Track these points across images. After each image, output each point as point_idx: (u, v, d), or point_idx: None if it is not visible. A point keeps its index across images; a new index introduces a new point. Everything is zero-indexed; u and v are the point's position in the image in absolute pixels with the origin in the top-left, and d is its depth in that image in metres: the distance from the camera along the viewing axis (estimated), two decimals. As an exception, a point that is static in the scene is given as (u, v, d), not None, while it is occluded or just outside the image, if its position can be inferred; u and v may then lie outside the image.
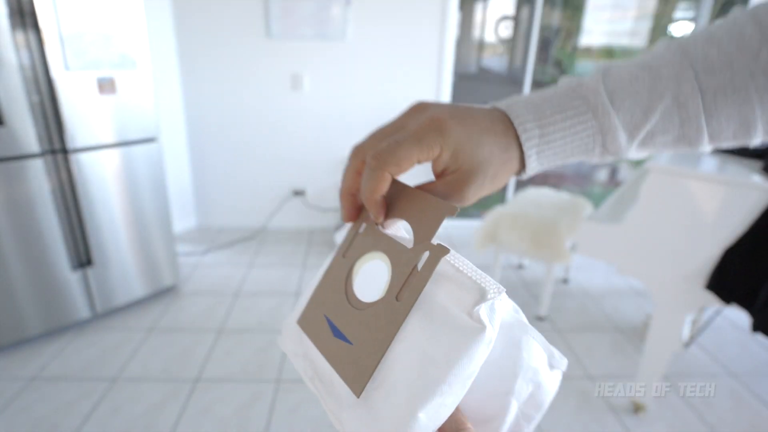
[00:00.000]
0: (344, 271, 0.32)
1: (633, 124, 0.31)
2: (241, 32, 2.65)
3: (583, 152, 0.33)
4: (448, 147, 0.29)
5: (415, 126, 0.29)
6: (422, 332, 0.26)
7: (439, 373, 0.24)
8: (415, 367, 0.25)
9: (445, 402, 0.25)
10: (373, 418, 0.26)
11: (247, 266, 2.58)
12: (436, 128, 0.29)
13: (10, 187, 1.64)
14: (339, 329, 0.30)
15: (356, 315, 0.29)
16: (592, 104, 0.31)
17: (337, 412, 0.28)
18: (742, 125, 0.31)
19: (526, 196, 2.38)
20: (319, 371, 0.31)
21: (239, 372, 1.75)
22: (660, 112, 0.31)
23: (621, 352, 1.95)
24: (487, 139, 0.30)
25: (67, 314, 1.90)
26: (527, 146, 0.31)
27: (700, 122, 0.31)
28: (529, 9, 2.97)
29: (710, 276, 1.29)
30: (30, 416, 1.51)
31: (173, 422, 1.51)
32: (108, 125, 1.85)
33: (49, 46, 1.62)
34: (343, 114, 2.88)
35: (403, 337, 0.27)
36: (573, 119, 0.31)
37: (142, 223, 2.05)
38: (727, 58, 0.30)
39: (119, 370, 1.74)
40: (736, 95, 0.30)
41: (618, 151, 0.33)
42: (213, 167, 2.96)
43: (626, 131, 0.32)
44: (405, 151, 0.28)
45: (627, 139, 0.32)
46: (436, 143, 0.29)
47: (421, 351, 0.26)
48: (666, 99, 0.31)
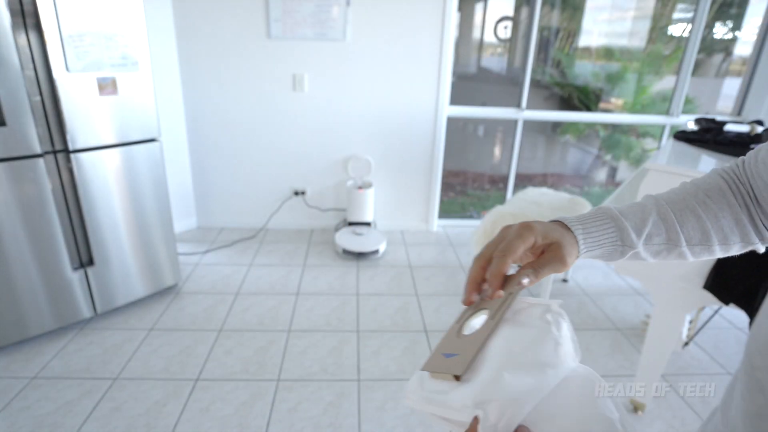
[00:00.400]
0: (457, 326, 0.44)
1: (637, 228, 0.50)
2: (242, 32, 2.66)
3: (611, 244, 0.49)
4: (539, 235, 0.46)
5: (513, 233, 0.46)
6: (509, 333, 0.39)
7: (520, 352, 0.36)
8: (503, 353, 0.37)
9: (525, 378, 0.35)
10: (471, 387, 0.36)
11: (248, 266, 2.59)
12: (528, 227, 0.46)
13: (11, 187, 1.65)
14: (449, 353, 0.41)
15: (463, 339, 0.42)
16: (612, 216, 0.50)
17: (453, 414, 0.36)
18: (703, 234, 0.52)
19: (525, 196, 2.39)
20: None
21: (239, 371, 1.76)
22: (651, 221, 0.51)
23: (620, 352, 1.96)
24: (556, 228, 0.48)
25: (68, 314, 1.91)
26: (576, 234, 0.48)
27: (677, 228, 0.51)
28: (528, 10, 2.98)
29: (709, 276, 1.30)
30: (31, 415, 1.51)
31: (174, 421, 1.51)
32: (109, 125, 1.85)
33: (51, 47, 1.62)
34: (344, 114, 2.88)
35: (495, 338, 0.39)
36: (601, 222, 0.50)
37: (143, 223, 2.06)
38: (680, 196, 0.53)
39: (120, 369, 1.74)
40: (692, 213, 0.52)
41: (632, 244, 0.50)
42: (213, 167, 2.97)
43: (634, 231, 0.50)
44: (516, 245, 0.45)
45: (636, 236, 0.50)
46: (531, 236, 0.45)
47: (507, 344, 0.38)
48: (653, 215, 0.51)
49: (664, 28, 3.30)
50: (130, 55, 1.83)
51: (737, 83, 3.30)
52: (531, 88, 3.02)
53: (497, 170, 3.83)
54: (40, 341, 1.88)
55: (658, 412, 1.62)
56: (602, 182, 3.99)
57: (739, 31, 3.24)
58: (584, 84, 3.50)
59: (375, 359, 1.86)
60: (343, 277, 2.51)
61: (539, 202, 2.30)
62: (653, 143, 3.74)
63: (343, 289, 2.39)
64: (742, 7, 3.18)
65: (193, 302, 2.21)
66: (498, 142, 3.82)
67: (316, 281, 2.46)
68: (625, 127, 3.73)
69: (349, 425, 1.53)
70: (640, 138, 3.84)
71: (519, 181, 3.41)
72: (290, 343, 1.94)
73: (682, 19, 3.17)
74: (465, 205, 3.78)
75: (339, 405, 1.61)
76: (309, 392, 1.67)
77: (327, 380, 1.73)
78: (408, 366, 1.83)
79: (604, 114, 3.60)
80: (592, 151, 3.95)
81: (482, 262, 0.46)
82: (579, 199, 2.34)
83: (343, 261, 2.70)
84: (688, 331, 2.04)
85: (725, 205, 0.52)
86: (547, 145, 3.92)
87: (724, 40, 3.28)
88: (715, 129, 1.80)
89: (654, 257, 0.52)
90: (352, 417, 1.56)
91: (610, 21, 3.27)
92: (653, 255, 0.52)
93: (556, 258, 0.46)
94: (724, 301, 1.29)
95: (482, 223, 2.19)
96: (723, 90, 3.48)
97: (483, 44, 3.32)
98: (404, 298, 2.33)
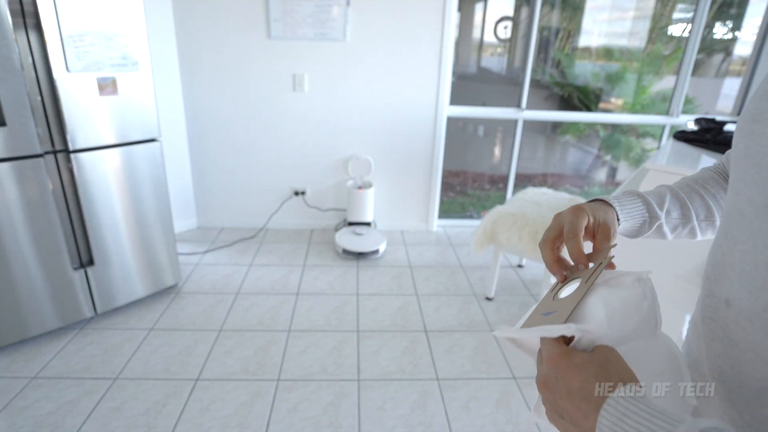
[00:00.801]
0: (551, 293, 0.51)
1: (659, 203, 0.60)
2: (242, 33, 2.66)
3: (641, 216, 0.59)
4: (591, 213, 0.54)
5: (569, 216, 0.53)
6: (604, 292, 0.44)
7: (615, 306, 0.42)
8: (600, 304, 0.43)
9: (621, 323, 0.42)
10: (572, 320, 0.43)
11: (248, 266, 2.59)
12: (580, 209, 0.54)
13: (12, 187, 1.65)
14: (547, 312, 0.47)
15: (558, 301, 0.48)
16: (638, 194, 0.61)
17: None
18: (707, 210, 0.61)
19: (525, 196, 2.39)
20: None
21: (240, 371, 1.76)
22: (668, 199, 0.61)
23: (620, 352, 1.96)
24: (599, 206, 0.57)
25: (68, 313, 1.91)
26: (615, 207, 0.57)
27: (688, 204, 0.61)
28: (528, 10, 2.98)
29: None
30: (32, 414, 1.51)
31: (174, 421, 1.52)
32: (109, 125, 1.85)
33: (51, 48, 1.63)
34: (344, 114, 2.89)
35: (590, 297, 0.45)
36: (632, 198, 0.59)
37: (143, 223, 2.06)
38: (684, 183, 0.64)
39: (120, 369, 1.74)
40: (696, 194, 0.62)
41: (657, 216, 0.60)
42: (213, 167, 2.97)
43: (657, 205, 0.60)
44: (578, 224, 0.52)
45: (659, 209, 0.60)
46: (584, 215, 0.53)
47: (602, 299, 0.43)
48: (668, 194, 0.61)
49: (664, 28, 3.30)
50: (130, 55, 1.84)
51: (737, 83, 3.30)
52: (531, 88, 3.02)
53: (497, 170, 3.83)
54: (40, 341, 1.88)
55: (657, 412, 1.63)
56: (602, 182, 3.99)
57: (738, 31, 3.24)
58: (584, 84, 3.51)
59: (375, 359, 1.86)
60: (343, 277, 2.51)
61: (539, 202, 2.30)
62: (653, 143, 3.74)
63: (343, 289, 2.40)
64: (741, 7, 3.18)
65: (193, 302, 2.21)
66: (498, 142, 3.83)
67: (316, 281, 2.46)
68: (625, 127, 3.74)
69: (348, 425, 1.53)
70: (640, 138, 3.84)
71: (519, 181, 3.41)
72: (290, 343, 1.94)
73: (682, 19, 3.17)
74: (465, 205, 3.78)
75: (339, 405, 1.61)
76: (309, 392, 1.67)
77: (327, 380, 1.73)
78: (408, 366, 1.83)
79: (604, 114, 3.60)
80: (592, 151, 3.95)
81: (549, 245, 0.54)
82: (579, 199, 2.34)
83: (343, 261, 2.70)
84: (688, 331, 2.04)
85: (721, 189, 0.62)
86: (547, 145, 3.92)
87: (723, 40, 3.29)
88: (715, 129, 1.81)
89: (672, 233, 0.62)
90: (352, 417, 1.56)
91: (610, 21, 3.27)
92: (671, 230, 0.61)
93: (605, 236, 0.54)
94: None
95: (482, 223, 2.19)
96: (723, 90, 3.48)
97: (483, 44, 3.32)
98: (404, 298, 2.33)
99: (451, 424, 1.55)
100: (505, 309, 2.27)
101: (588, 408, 0.35)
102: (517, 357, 1.90)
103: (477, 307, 2.28)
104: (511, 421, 1.57)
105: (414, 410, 1.60)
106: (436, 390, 1.70)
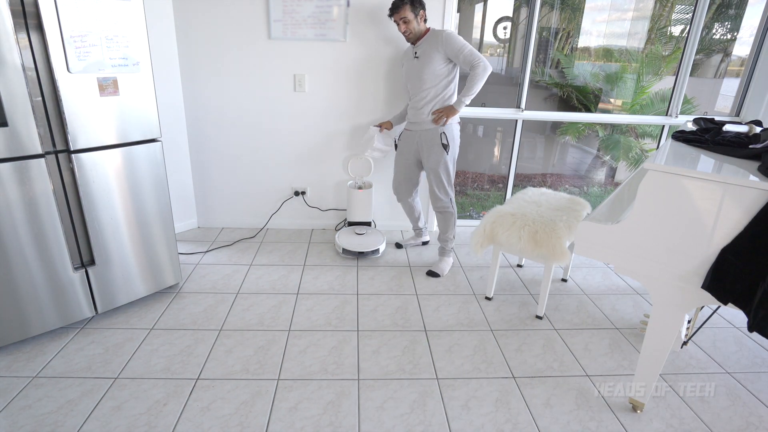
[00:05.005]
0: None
1: None
2: (242, 33, 2.66)
3: None
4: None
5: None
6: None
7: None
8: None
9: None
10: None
11: (248, 266, 2.60)
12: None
13: (13, 188, 1.65)
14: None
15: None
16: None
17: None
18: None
19: (525, 196, 2.40)
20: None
21: (240, 371, 1.76)
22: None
23: (619, 351, 1.96)
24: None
25: (69, 313, 1.92)
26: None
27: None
28: (527, 10, 2.99)
29: (708, 276, 1.30)
30: (32, 414, 1.52)
31: (174, 420, 1.52)
32: (110, 126, 1.86)
33: (52, 48, 1.63)
34: (344, 114, 2.89)
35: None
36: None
37: (144, 223, 2.06)
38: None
39: (121, 369, 1.75)
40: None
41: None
42: (214, 167, 2.97)
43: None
44: None
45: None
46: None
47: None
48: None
49: (663, 28, 3.31)
50: (131, 56, 1.84)
51: (736, 83, 3.31)
52: (530, 88, 3.03)
53: (497, 170, 3.84)
54: (41, 340, 1.88)
55: (656, 412, 1.63)
56: (601, 182, 4.00)
57: (737, 32, 3.25)
58: (583, 84, 3.51)
59: (375, 359, 1.86)
60: (343, 277, 2.52)
61: (539, 202, 2.30)
62: (652, 143, 3.75)
63: (343, 288, 2.40)
64: (740, 8, 3.19)
65: (193, 302, 2.22)
66: (497, 143, 3.83)
67: (316, 281, 2.47)
68: (624, 127, 3.74)
69: (348, 424, 1.53)
70: (639, 138, 3.85)
71: (518, 181, 3.42)
72: (290, 343, 1.94)
73: (681, 20, 3.18)
74: (465, 205, 3.79)
75: (339, 404, 1.62)
76: (309, 391, 1.67)
77: (327, 380, 1.74)
78: (408, 365, 1.83)
79: (604, 114, 3.61)
80: (592, 152, 3.96)
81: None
82: (578, 199, 2.35)
83: (343, 261, 2.71)
84: (687, 331, 2.05)
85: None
86: (546, 146, 3.93)
87: (722, 40, 3.29)
88: (714, 129, 1.81)
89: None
90: (352, 416, 1.57)
91: (609, 22, 3.28)
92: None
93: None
94: (723, 300, 1.29)
95: (482, 223, 2.19)
96: (721, 90, 3.49)
97: (482, 45, 3.32)
98: (404, 298, 2.33)
99: (450, 424, 1.55)
100: (505, 309, 2.28)
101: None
102: (516, 357, 1.90)
103: (476, 306, 2.28)
104: (510, 420, 1.58)
105: (414, 410, 1.61)
106: (436, 389, 1.71)
